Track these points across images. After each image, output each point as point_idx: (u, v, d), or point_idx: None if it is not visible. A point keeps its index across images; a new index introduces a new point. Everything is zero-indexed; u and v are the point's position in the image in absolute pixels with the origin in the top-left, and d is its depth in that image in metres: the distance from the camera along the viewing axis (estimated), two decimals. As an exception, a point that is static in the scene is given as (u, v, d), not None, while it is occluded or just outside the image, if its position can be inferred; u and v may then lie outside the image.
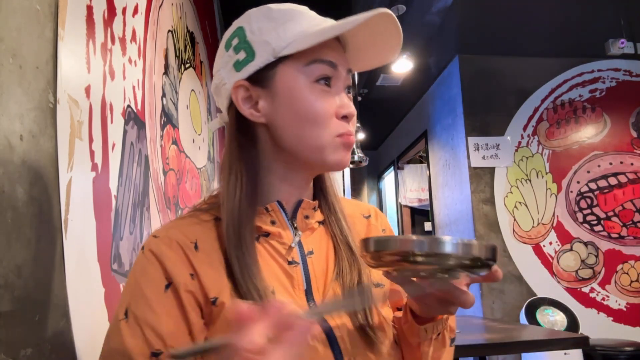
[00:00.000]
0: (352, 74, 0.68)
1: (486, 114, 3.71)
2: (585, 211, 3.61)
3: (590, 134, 3.72)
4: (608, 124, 3.73)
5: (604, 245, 3.56)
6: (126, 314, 0.54)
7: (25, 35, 0.62)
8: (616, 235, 3.57)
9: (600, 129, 3.73)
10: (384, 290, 0.67)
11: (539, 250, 3.53)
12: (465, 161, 3.65)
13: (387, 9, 0.59)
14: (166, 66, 1.46)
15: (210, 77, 2.33)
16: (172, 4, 1.60)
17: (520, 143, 3.69)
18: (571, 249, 3.54)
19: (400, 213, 5.87)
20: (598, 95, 3.77)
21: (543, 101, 3.75)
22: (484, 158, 3.62)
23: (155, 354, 0.52)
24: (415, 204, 5.81)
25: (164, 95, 1.41)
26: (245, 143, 0.65)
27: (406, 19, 3.03)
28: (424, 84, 4.30)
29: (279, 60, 0.62)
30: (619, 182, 3.62)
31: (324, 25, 0.61)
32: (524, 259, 3.49)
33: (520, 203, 3.59)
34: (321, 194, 0.70)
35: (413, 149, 5.14)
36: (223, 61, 0.66)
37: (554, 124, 3.73)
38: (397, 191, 5.83)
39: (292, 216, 0.66)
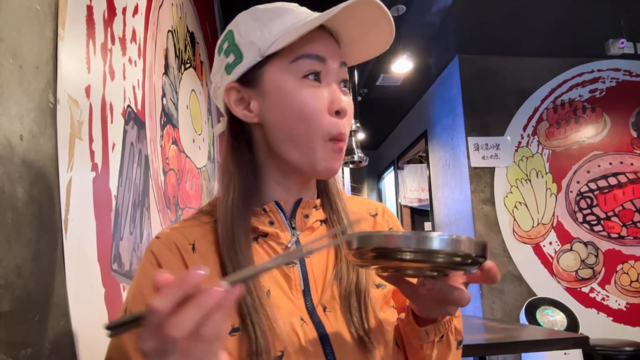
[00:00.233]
0: (348, 67, 0.66)
1: (486, 114, 3.71)
2: (585, 211, 3.61)
3: (590, 134, 3.72)
4: (608, 124, 3.73)
5: (604, 245, 3.56)
6: (125, 312, 0.57)
7: (25, 35, 0.62)
8: (616, 235, 3.57)
9: (600, 129, 3.73)
10: (384, 292, 0.66)
11: (539, 250, 3.53)
12: (465, 161, 3.65)
13: None
14: (166, 66, 1.46)
15: (210, 77, 2.33)
16: (172, 4, 1.60)
17: (520, 143, 3.69)
18: (571, 249, 3.54)
19: (400, 213, 5.87)
20: (598, 95, 3.77)
21: (543, 101, 3.75)
22: (484, 158, 3.62)
23: None
24: (415, 204, 5.82)
25: (164, 95, 1.41)
26: (238, 145, 0.66)
27: (406, 19, 3.03)
28: (424, 84, 4.30)
29: (266, 60, 0.62)
30: (619, 182, 3.62)
31: (308, 20, 0.60)
32: (524, 259, 3.49)
33: (520, 203, 3.59)
34: (323, 192, 0.70)
35: (413, 149, 5.14)
36: (217, 65, 0.67)
37: (554, 124, 3.73)
38: (397, 191, 5.82)
39: (292, 216, 0.66)
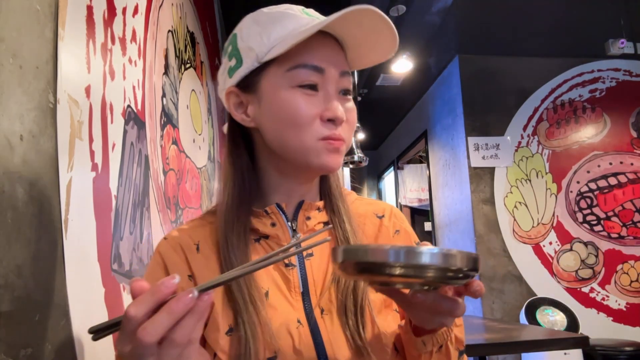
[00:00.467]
0: (350, 74, 0.65)
1: (486, 114, 3.71)
2: (585, 211, 3.61)
3: (590, 134, 3.71)
4: (608, 124, 3.73)
5: (604, 245, 3.55)
6: None
7: (25, 35, 0.62)
8: (616, 235, 3.57)
9: (600, 129, 3.73)
10: (384, 295, 0.64)
11: (538, 250, 3.53)
12: (465, 161, 3.65)
13: (369, 6, 0.56)
14: (166, 66, 1.46)
15: (210, 77, 2.34)
16: (172, 4, 1.60)
17: (520, 143, 3.69)
18: (571, 249, 3.54)
19: (400, 213, 5.85)
20: (598, 95, 3.76)
21: (543, 101, 3.75)
22: (484, 158, 3.62)
23: None
24: (415, 204, 5.81)
25: (164, 95, 1.41)
26: (236, 148, 0.67)
27: (406, 19, 3.03)
28: (424, 84, 4.30)
29: (264, 66, 0.61)
30: (619, 182, 3.62)
31: (307, 27, 0.59)
32: (524, 259, 3.49)
33: (520, 203, 3.58)
34: (326, 194, 0.70)
35: (413, 149, 5.14)
36: (222, 68, 0.68)
37: (554, 124, 3.73)
38: (397, 191, 5.82)
39: (293, 218, 0.66)
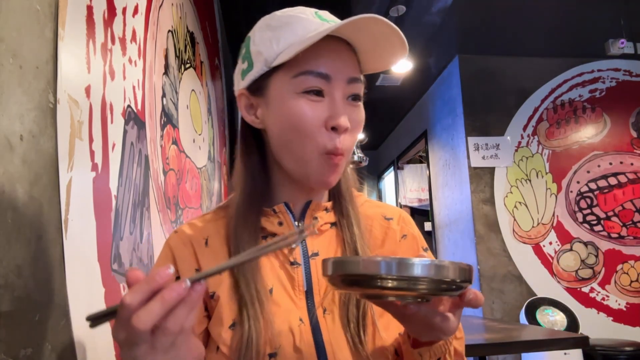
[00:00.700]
0: (361, 79, 0.65)
1: (486, 114, 3.71)
2: (585, 211, 3.61)
3: (590, 134, 3.71)
4: (608, 124, 3.73)
5: (604, 245, 3.55)
6: None
7: (25, 35, 0.62)
8: (616, 235, 3.57)
9: (600, 129, 3.73)
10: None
11: (538, 250, 3.53)
12: (465, 161, 3.65)
13: (376, 15, 0.57)
14: (166, 66, 1.46)
15: (210, 78, 2.34)
16: (172, 4, 1.60)
17: (520, 143, 3.69)
18: (571, 249, 3.54)
19: (400, 213, 5.85)
20: (598, 95, 3.76)
21: (543, 101, 3.75)
22: (483, 158, 3.62)
23: None
24: (415, 204, 5.81)
25: (164, 95, 1.41)
26: (247, 148, 0.68)
27: (406, 19, 3.03)
28: (423, 84, 4.30)
29: (273, 70, 0.62)
30: (619, 182, 3.62)
31: (315, 32, 0.59)
32: (524, 259, 3.49)
33: (520, 203, 3.58)
34: (335, 195, 0.70)
35: (413, 149, 5.14)
36: (237, 69, 0.69)
37: (554, 124, 3.73)
38: (397, 191, 5.82)
39: (301, 217, 0.67)
